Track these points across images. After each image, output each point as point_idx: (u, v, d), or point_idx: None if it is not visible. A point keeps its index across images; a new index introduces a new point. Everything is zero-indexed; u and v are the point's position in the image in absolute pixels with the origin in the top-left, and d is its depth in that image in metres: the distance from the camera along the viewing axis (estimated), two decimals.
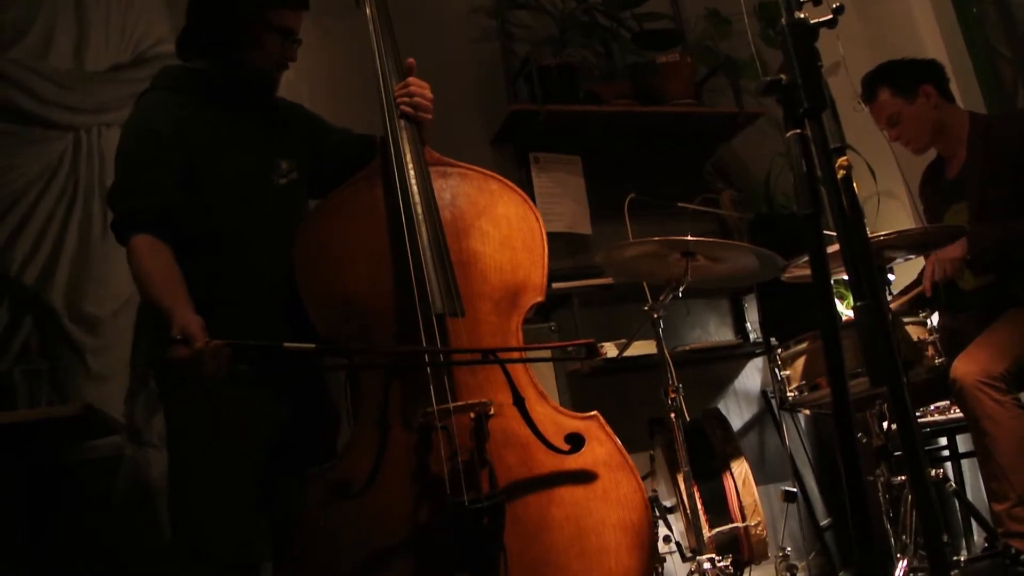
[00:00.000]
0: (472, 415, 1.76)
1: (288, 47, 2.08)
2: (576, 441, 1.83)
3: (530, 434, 1.81)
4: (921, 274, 3.00)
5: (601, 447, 1.83)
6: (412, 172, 1.99)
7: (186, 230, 1.94)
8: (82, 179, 3.03)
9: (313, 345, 1.76)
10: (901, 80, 2.80)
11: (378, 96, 2.11)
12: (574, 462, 1.81)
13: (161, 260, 1.88)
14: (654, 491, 2.72)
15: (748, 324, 3.45)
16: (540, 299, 1.99)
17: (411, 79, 2.12)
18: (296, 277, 1.93)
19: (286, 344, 1.71)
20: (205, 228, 1.97)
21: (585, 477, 1.80)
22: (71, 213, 3.00)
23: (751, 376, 3.67)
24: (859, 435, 2.45)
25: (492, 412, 1.78)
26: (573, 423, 1.86)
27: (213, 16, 2.03)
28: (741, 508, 2.58)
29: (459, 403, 1.78)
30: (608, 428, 1.86)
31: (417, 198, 1.95)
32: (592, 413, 1.88)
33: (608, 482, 1.80)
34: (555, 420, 1.85)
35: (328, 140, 2.24)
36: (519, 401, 1.83)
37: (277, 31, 2.05)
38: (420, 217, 1.92)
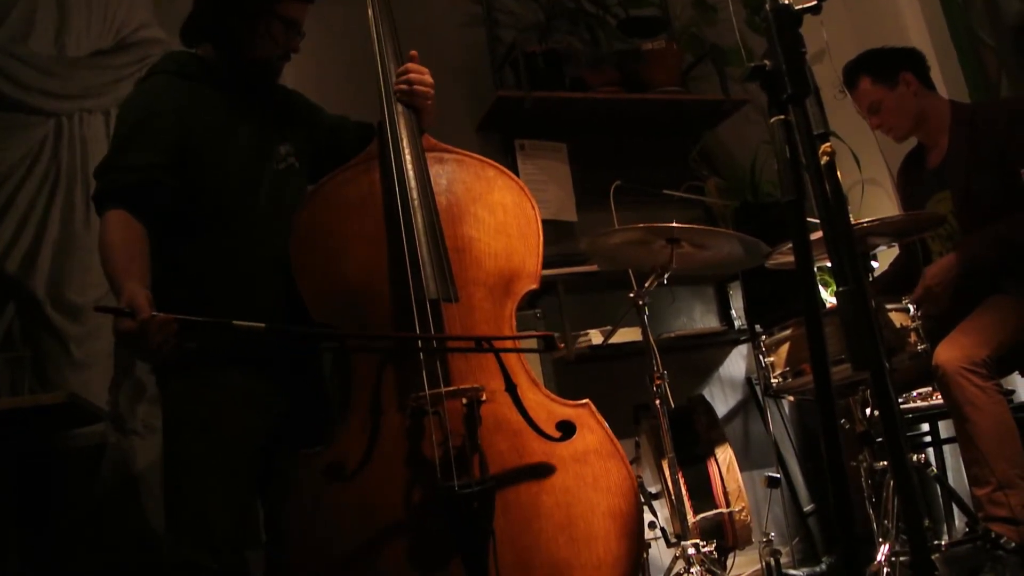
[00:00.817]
0: (464, 400, 1.76)
1: (292, 38, 2.08)
2: (567, 429, 1.83)
3: (521, 421, 1.82)
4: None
5: (592, 435, 1.84)
6: (408, 157, 1.98)
7: (183, 215, 1.93)
8: (64, 165, 3.01)
9: (263, 325, 1.72)
10: (881, 68, 2.80)
11: (376, 81, 2.10)
12: (565, 449, 1.82)
13: (128, 236, 1.85)
14: (639, 477, 2.73)
15: (733, 311, 3.45)
16: (534, 286, 1.99)
17: (410, 64, 2.12)
18: (292, 260, 1.92)
19: (235, 322, 1.69)
20: (203, 213, 1.97)
21: (576, 465, 1.81)
22: (53, 200, 2.97)
23: (736, 363, 3.69)
24: (842, 421, 2.47)
25: (484, 398, 1.78)
26: (564, 410, 1.86)
27: (221, 4, 2.02)
28: (725, 494, 2.59)
29: (451, 388, 1.78)
30: (599, 416, 1.86)
31: (413, 183, 1.94)
32: (584, 401, 1.88)
33: (598, 470, 1.81)
34: (547, 407, 1.86)
35: (326, 128, 2.23)
36: (511, 388, 1.83)
37: (283, 21, 2.04)
38: (416, 202, 1.92)
